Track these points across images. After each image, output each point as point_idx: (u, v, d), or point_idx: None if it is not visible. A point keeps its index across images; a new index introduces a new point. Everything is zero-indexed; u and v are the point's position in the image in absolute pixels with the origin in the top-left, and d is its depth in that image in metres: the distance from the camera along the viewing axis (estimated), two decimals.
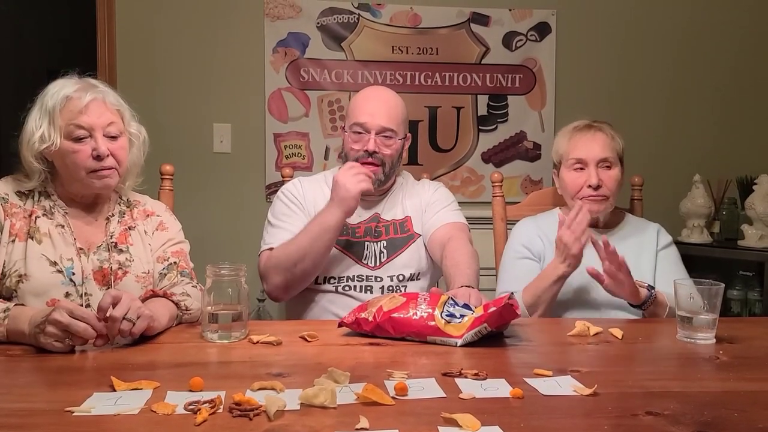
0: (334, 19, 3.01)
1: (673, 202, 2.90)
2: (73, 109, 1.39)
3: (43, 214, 1.44)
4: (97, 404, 0.92)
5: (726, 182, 2.97)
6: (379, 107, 1.77)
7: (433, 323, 1.27)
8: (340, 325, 1.36)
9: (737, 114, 3.22)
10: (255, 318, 2.73)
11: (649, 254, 1.77)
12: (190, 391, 0.98)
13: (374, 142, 1.74)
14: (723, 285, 1.35)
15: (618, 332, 1.37)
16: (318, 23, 2.99)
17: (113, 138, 1.43)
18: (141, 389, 0.99)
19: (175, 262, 1.53)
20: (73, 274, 1.41)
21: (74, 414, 0.90)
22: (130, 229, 1.53)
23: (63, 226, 1.44)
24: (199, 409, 0.90)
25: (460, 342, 1.25)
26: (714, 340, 1.32)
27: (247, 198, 2.98)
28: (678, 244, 1.87)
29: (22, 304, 1.31)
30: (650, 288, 1.48)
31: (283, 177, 2.09)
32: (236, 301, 1.29)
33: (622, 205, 2.03)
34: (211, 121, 2.96)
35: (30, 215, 1.43)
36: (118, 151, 1.44)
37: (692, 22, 3.18)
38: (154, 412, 0.90)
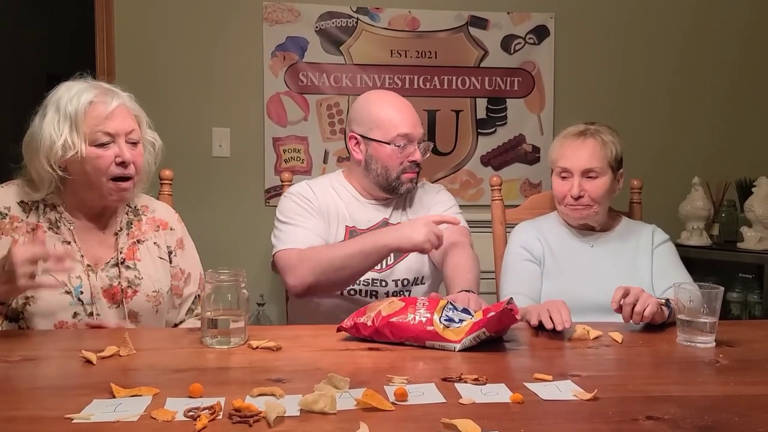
0: (333, 23, 3.01)
1: (672, 204, 2.91)
2: (99, 115, 1.36)
3: (49, 228, 1.39)
4: (97, 411, 0.92)
5: (725, 185, 2.98)
6: (413, 115, 1.77)
7: (431, 328, 1.26)
8: (339, 329, 1.36)
9: (736, 117, 3.23)
10: (254, 323, 2.73)
11: (646, 253, 1.78)
12: (190, 397, 0.98)
13: (419, 151, 1.76)
14: (722, 288, 1.35)
15: (618, 336, 1.37)
16: (316, 27, 3.00)
17: (134, 144, 1.41)
18: (140, 396, 0.98)
19: (198, 295, 1.51)
20: (82, 293, 1.37)
21: (74, 421, 0.89)
22: (138, 242, 1.49)
23: (69, 243, 1.40)
24: (199, 416, 0.89)
25: (458, 347, 1.25)
26: (714, 344, 1.32)
27: (247, 202, 2.98)
28: (677, 246, 1.87)
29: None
30: (668, 305, 1.47)
31: (282, 181, 2.08)
32: (236, 306, 1.29)
33: (622, 208, 2.03)
34: (210, 125, 2.96)
35: (34, 230, 1.37)
36: (138, 158, 1.42)
37: (691, 25, 3.18)
38: (154, 418, 0.90)
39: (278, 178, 2.85)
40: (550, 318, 1.37)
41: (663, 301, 1.45)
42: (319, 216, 1.78)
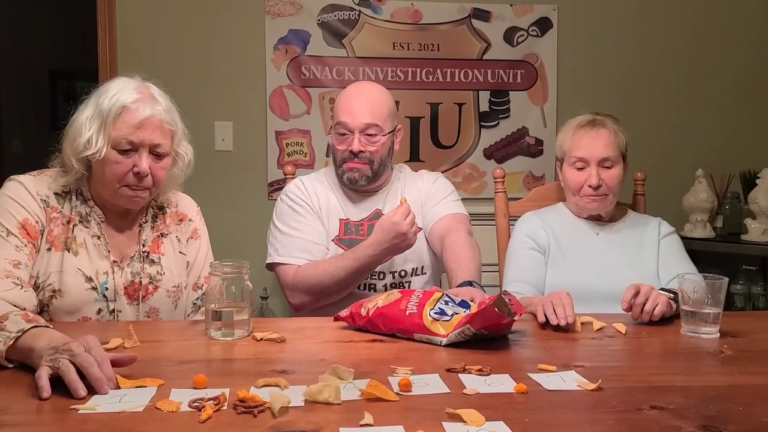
0: (335, 15, 3.00)
1: (675, 196, 2.90)
2: (128, 121, 1.33)
3: (80, 221, 1.39)
4: (102, 402, 0.92)
5: (729, 177, 2.97)
6: (360, 105, 1.75)
7: (420, 320, 1.25)
8: (336, 319, 1.37)
9: (740, 109, 3.21)
10: (258, 315, 2.74)
11: (651, 245, 1.78)
12: (195, 388, 0.98)
13: (358, 141, 1.73)
14: (727, 279, 1.34)
15: (622, 327, 1.37)
16: (319, 20, 2.99)
17: (157, 157, 1.38)
18: (145, 387, 0.99)
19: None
20: (107, 289, 1.38)
21: (79, 412, 0.90)
22: (162, 236, 1.49)
23: (98, 237, 1.40)
24: (204, 407, 0.90)
25: (444, 341, 1.22)
26: (718, 335, 1.32)
27: (250, 196, 2.98)
28: (681, 239, 1.87)
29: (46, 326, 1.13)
30: (675, 299, 1.47)
31: (285, 174, 2.09)
32: (240, 298, 1.29)
33: (625, 200, 2.03)
34: (212, 119, 2.96)
35: (68, 222, 1.38)
36: (159, 171, 1.38)
37: (695, 17, 3.16)
38: (159, 409, 0.90)
39: (281, 171, 2.84)
40: (554, 312, 1.37)
41: (671, 295, 1.44)
42: (313, 214, 1.79)
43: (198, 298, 1.53)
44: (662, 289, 1.50)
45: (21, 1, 4.71)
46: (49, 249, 1.35)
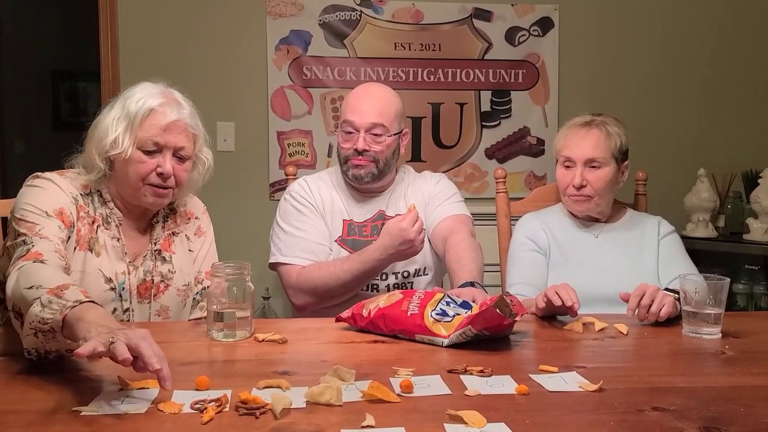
0: (336, 16, 3.00)
1: (677, 196, 2.90)
2: (155, 124, 1.37)
3: (102, 222, 1.42)
4: (105, 404, 0.93)
5: (731, 176, 2.96)
6: (368, 105, 1.76)
7: (421, 321, 1.25)
8: (337, 320, 1.37)
9: (741, 107, 3.20)
10: (260, 316, 2.74)
11: (651, 244, 1.77)
12: (197, 390, 0.98)
13: (363, 140, 1.74)
14: (728, 279, 1.34)
15: (623, 328, 1.37)
16: (320, 20, 2.99)
17: (180, 159, 1.42)
18: (148, 388, 0.99)
19: (207, 287, 1.52)
20: (123, 289, 1.40)
21: (82, 413, 0.90)
22: (173, 234, 1.52)
23: (117, 239, 1.43)
24: (206, 408, 0.90)
25: (446, 342, 1.22)
26: (720, 335, 1.32)
27: (251, 196, 2.99)
28: (683, 238, 1.87)
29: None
30: (679, 299, 1.46)
31: (286, 175, 2.09)
32: (241, 299, 1.29)
33: (627, 200, 2.03)
34: (214, 119, 2.95)
35: (92, 222, 1.40)
36: (181, 173, 1.43)
37: (693, 16, 3.15)
38: (161, 411, 0.91)
39: (283, 171, 2.84)
40: (558, 296, 1.36)
41: (677, 296, 1.44)
42: (316, 214, 1.79)
43: (198, 292, 1.54)
44: (666, 289, 1.50)
45: (23, 2, 4.72)
46: (74, 248, 1.36)
